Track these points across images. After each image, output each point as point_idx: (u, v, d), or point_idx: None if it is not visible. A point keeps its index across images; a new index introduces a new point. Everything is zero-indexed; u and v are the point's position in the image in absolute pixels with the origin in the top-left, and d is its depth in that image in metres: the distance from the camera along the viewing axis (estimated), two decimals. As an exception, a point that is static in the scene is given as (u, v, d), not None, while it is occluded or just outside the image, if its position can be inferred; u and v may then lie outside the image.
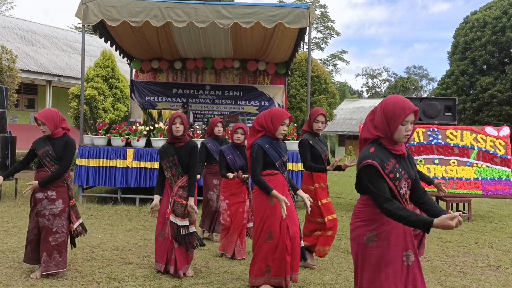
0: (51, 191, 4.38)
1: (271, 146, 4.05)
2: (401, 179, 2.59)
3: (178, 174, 4.53)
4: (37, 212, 4.39)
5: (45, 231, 4.35)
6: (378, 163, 2.55)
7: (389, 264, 2.61)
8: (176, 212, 4.49)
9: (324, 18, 40.45)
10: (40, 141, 4.46)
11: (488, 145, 8.57)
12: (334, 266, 5.13)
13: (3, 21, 20.23)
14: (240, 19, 8.55)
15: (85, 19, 8.73)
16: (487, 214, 9.26)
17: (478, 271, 5.13)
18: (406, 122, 2.57)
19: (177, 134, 4.46)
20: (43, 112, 4.42)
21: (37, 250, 4.42)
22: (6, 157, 8.96)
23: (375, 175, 2.55)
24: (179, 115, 4.48)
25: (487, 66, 23.71)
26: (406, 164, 2.68)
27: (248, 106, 12.92)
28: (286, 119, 4.04)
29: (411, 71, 61.05)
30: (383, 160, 2.57)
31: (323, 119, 4.93)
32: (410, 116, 2.56)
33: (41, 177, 4.41)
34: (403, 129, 2.57)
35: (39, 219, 4.37)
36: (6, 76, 11.67)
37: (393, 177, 2.57)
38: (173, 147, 4.54)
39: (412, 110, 2.56)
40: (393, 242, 2.62)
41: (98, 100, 13.71)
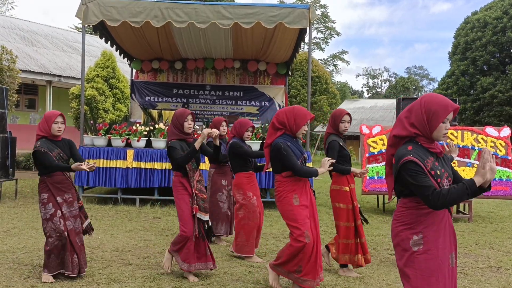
0: (67, 194, 4.42)
1: (292, 145, 4.02)
2: (443, 177, 2.55)
3: (194, 169, 4.55)
4: (62, 215, 4.38)
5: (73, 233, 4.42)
6: (419, 161, 2.49)
7: (440, 267, 2.55)
8: (199, 207, 4.48)
9: (325, 18, 40.44)
10: (47, 145, 4.35)
11: (488, 146, 8.56)
12: (334, 267, 5.11)
13: (3, 21, 20.24)
14: (241, 20, 8.54)
15: (86, 20, 8.73)
16: (487, 215, 9.24)
17: (478, 272, 5.12)
18: (447, 120, 2.54)
19: (189, 131, 4.51)
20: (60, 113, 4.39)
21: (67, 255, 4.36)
22: (6, 157, 8.95)
23: (418, 170, 2.47)
24: (190, 112, 4.50)
25: (488, 66, 23.70)
26: (444, 163, 2.65)
27: (249, 106, 12.91)
28: (309, 119, 4.05)
29: (411, 71, 61.07)
30: (422, 157, 2.51)
31: (349, 119, 4.88)
32: (451, 114, 2.53)
33: (56, 181, 4.35)
34: (443, 127, 2.53)
35: (66, 221, 4.39)
36: (7, 76, 11.66)
37: (434, 174, 2.51)
38: (185, 143, 4.54)
39: (454, 108, 2.52)
40: (441, 245, 2.56)
41: (98, 100, 13.71)
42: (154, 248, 5.66)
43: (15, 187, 9.37)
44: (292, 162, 3.92)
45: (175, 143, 4.48)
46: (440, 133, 2.54)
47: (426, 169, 2.48)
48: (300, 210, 3.97)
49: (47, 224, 4.32)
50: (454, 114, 2.55)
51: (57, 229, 4.30)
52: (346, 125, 4.85)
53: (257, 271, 4.84)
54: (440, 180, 2.52)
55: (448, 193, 2.38)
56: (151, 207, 8.66)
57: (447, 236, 2.59)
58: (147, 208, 8.62)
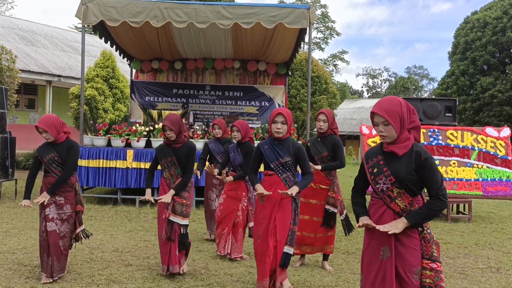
0: (59, 196, 4.37)
1: (270, 147, 4.02)
2: (380, 175, 2.75)
3: (177, 174, 4.57)
4: (45, 216, 4.35)
5: (53, 236, 4.33)
6: (365, 157, 2.88)
7: (367, 253, 2.84)
8: (176, 211, 4.50)
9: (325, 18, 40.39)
10: (44, 148, 4.41)
11: (488, 146, 8.56)
12: (334, 267, 5.11)
13: (3, 21, 20.22)
14: (241, 20, 8.53)
15: (85, 20, 8.72)
16: (487, 215, 9.24)
17: (478, 273, 5.12)
18: (376, 123, 2.74)
19: (170, 140, 4.53)
20: (44, 120, 4.33)
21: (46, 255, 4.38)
22: (6, 157, 8.94)
23: (360, 167, 2.96)
24: (166, 123, 4.44)
25: (488, 66, 23.67)
26: (397, 163, 2.71)
27: (249, 106, 12.91)
28: (276, 116, 3.95)
29: (411, 71, 61.01)
30: (370, 156, 2.86)
31: (324, 118, 4.96)
32: (374, 117, 2.73)
33: (49, 182, 4.38)
34: (376, 130, 2.77)
35: (48, 223, 4.34)
36: (6, 76, 11.66)
37: (370, 172, 2.82)
38: (170, 148, 4.56)
39: (372, 112, 2.73)
40: (374, 235, 2.79)
41: (98, 100, 13.70)
42: (154, 249, 5.66)
43: (15, 187, 9.36)
44: (251, 163, 4.18)
45: (157, 148, 4.67)
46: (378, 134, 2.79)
47: (366, 166, 2.86)
48: (259, 210, 4.05)
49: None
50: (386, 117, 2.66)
51: (40, 230, 4.39)
52: (321, 124, 5.00)
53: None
54: (374, 178, 2.79)
55: (353, 202, 2.96)
56: (151, 208, 8.65)
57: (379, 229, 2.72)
58: (146, 208, 8.61)
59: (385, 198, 2.76)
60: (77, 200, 4.49)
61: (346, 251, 5.85)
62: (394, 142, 2.72)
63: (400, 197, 2.71)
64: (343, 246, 6.14)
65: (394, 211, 2.73)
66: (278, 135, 3.97)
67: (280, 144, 4.01)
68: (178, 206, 4.51)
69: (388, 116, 2.65)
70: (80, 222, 4.55)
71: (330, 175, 5.03)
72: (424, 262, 2.68)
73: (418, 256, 2.68)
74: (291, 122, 4.00)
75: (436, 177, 2.64)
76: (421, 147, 2.72)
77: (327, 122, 4.97)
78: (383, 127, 2.70)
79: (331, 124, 5.00)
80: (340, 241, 6.39)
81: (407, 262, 2.67)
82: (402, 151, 2.70)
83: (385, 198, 2.76)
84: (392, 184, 2.72)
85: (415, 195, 2.72)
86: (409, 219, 2.65)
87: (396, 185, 2.71)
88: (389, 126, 2.67)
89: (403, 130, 2.70)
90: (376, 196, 2.84)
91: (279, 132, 3.94)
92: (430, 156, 2.67)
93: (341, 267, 5.16)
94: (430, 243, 2.70)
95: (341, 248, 6.05)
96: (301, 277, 4.69)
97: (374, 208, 2.84)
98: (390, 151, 2.73)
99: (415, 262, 2.68)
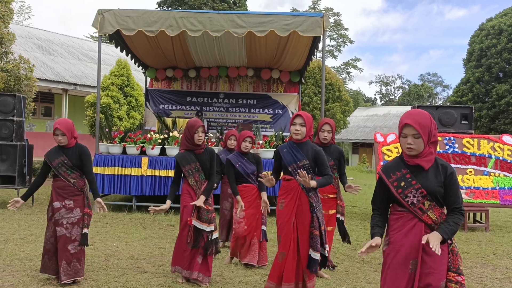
0: (68, 200, 4.44)
1: (289, 150, 4.04)
2: (409, 188, 2.73)
3: (202, 180, 4.61)
4: (55, 221, 4.41)
5: (63, 240, 4.37)
6: (383, 172, 2.83)
7: (393, 267, 2.76)
8: (202, 218, 4.53)
9: (338, 26, 40.45)
10: (52, 152, 4.49)
11: (505, 154, 8.45)
12: (349, 277, 5.08)
13: (21, 30, 20.59)
14: (255, 28, 8.58)
15: (102, 29, 8.85)
16: (505, 224, 9.10)
17: (497, 283, 5.04)
18: (405, 135, 2.72)
19: (199, 143, 4.54)
20: (63, 122, 4.41)
21: (54, 259, 4.45)
22: (23, 165, 9.08)
23: (378, 183, 2.89)
24: (202, 124, 4.55)
25: (503, 73, 23.42)
26: (425, 176, 2.73)
27: (262, 114, 12.93)
28: (296, 117, 4.01)
29: (425, 78, 60.64)
30: (390, 170, 2.81)
31: (329, 128, 5.02)
32: (404, 128, 2.71)
33: (58, 186, 4.46)
34: (404, 142, 2.74)
35: (57, 228, 4.39)
36: (24, 85, 11.85)
37: (396, 185, 2.76)
38: (193, 154, 4.59)
39: (404, 123, 2.71)
40: (406, 247, 2.73)
41: (113, 108, 13.86)
42: (168, 256, 5.67)
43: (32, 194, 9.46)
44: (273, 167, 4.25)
45: (179, 155, 4.61)
46: (404, 147, 2.76)
47: (387, 181, 2.78)
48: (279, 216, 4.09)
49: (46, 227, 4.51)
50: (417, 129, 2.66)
51: (47, 233, 4.47)
52: (325, 134, 5.02)
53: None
54: (402, 191, 2.74)
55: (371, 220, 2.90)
56: (165, 215, 8.69)
57: (415, 243, 2.71)
58: (161, 215, 8.65)
59: (416, 211, 2.73)
60: (86, 204, 4.55)
61: (362, 260, 5.81)
62: (418, 155, 2.73)
63: (431, 210, 2.72)
64: (358, 255, 6.09)
65: (426, 223, 2.73)
66: (297, 137, 4.00)
67: (298, 147, 4.03)
68: (204, 213, 4.55)
69: (420, 129, 2.67)
70: (86, 225, 4.53)
71: (335, 184, 5.07)
72: (451, 274, 2.70)
73: (445, 270, 2.70)
74: (310, 125, 4.02)
75: (459, 191, 2.72)
76: (444, 161, 2.79)
77: (331, 132, 5.02)
78: (413, 140, 2.70)
79: (333, 134, 5.09)
80: (355, 250, 6.35)
81: (435, 276, 2.67)
82: (428, 164, 2.73)
83: (416, 211, 2.73)
84: (423, 196, 2.72)
85: (442, 207, 2.75)
86: (442, 233, 2.62)
87: (427, 198, 2.72)
88: (419, 139, 2.69)
89: (428, 144, 2.73)
90: (402, 209, 2.80)
91: (297, 133, 3.97)
92: (454, 171, 2.75)
93: (356, 276, 5.12)
94: (457, 256, 2.74)
95: (356, 257, 6.01)
96: (316, 286, 4.67)
97: (401, 221, 2.79)
98: (416, 164, 2.73)
99: (442, 276, 2.69)
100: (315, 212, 3.99)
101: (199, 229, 4.52)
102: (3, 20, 11.60)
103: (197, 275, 4.54)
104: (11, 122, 9.08)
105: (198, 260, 4.55)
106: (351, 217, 9.31)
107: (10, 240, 6.27)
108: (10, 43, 11.98)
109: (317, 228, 3.98)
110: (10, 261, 5.20)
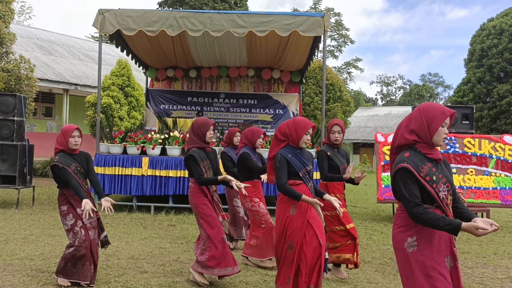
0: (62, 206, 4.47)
1: (294, 156, 3.93)
2: (439, 182, 2.61)
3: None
4: (83, 225, 4.41)
5: (94, 244, 4.46)
6: (412, 167, 2.58)
7: (434, 268, 2.59)
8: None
9: (339, 26, 40.44)
10: (65, 159, 4.39)
11: (506, 154, 8.43)
12: (350, 277, 5.06)
13: (22, 31, 20.61)
14: (255, 28, 8.58)
15: (102, 29, 8.85)
16: (506, 224, 9.08)
17: (497, 283, 5.03)
18: (445, 125, 2.66)
19: (210, 140, 4.60)
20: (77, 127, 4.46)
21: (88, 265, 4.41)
22: (24, 165, 9.07)
23: (408, 178, 2.59)
24: (213, 123, 4.59)
25: (504, 73, 23.40)
26: (443, 169, 2.70)
27: (263, 114, 12.92)
28: (310, 128, 3.95)
29: (426, 79, 60.62)
30: (417, 164, 2.60)
31: (339, 129, 4.96)
32: (448, 119, 2.66)
33: (74, 193, 4.34)
34: (442, 131, 2.64)
35: (89, 232, 4.43)
36: (25, 85, 11.85)
37: (429, 180, 2.59)
38: (204, 152, 4.61)
39: (451, 113, 2.66)
40: (435, 247, 2.62)
41: (113, 108, 13.86)
42: (169, 256, 5.68)
43: (32, 194, 9.48)
44: (278, 176, 3.86)
45: (195, 152, 4.54)
46: (440, 137, 2.64)
47: (420, 176, 2.57)
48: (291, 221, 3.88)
49: (69, 234, 4.39)
50: (451, 119, 2.68)
51: (79, 239, 4.31)
52: (336, 135, 4.97)
53: (272, 280, 4.80)
54: (436, 186, 2.60)
55: (426, 215, 2.51)
56: (166, 215, 8.69)
57: (442, 239, 2.64)
58: (161, 215, 8.65)
59: (444, 207, 2.61)
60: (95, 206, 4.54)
61: (362, 260, 5.79)
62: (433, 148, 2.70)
63: (450, 205, 2.70)
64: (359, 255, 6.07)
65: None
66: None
67: (302, 152, 4.01)
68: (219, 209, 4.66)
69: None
70: (102, 228, 4.65)
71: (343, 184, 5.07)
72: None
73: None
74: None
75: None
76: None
77: (341, 133, 4.98)
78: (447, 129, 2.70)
79: (343, 135, 5.06)
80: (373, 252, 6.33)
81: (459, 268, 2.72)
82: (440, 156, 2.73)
83: (444, 206, 2.61)
84: (448, 190, 2.65)
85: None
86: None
87: (450, 192, 2.67)
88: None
89: None
90: (431, 205, 2.62)
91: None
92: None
93: (357, 276, 5.11)
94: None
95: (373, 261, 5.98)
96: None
97: None
98: (437, 158, 2.69)
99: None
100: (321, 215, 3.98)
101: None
102: (4, 20, 11.60)
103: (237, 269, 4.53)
104: (12, 122, 9.08)
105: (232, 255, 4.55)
106: (352, 217, 9.27)
107: (10, 239, 6.27)
108: (11, 43, 11.99)
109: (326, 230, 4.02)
110: (10, 261, 5.20)
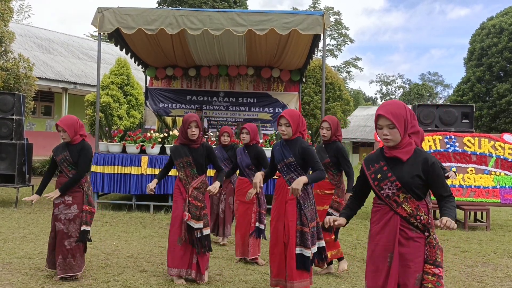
0: (67, 196, 4.50)
1: (280, 148, 4.06)
2: (384, 181, 2.74)
3: (193, 175, 4.57)
4: (55, 216, 4.50)
5: (60, 235, 4.45)
6: (365, 164, 2.86)
7: (374, 259, 2.81)
8: (192, 214, 4.51)
9: (338, 25, 40.42)
10: (59, 148, 4.60)
11: (506, 153, 8.42)
12: (350, 275, 5.06)
13: (21, 29, 20.57)
14: (255, 26, 8.56)
15: (101, 28, 8.83)
16: (505, 223, 9.07)
17: (497, 282, 5.02)
18: (380, 126, 2.73)
19: (193, 138, 4.51)
20: (64, 119, 4.54)
21: (53, 254, 4.52)
22: (23, 163, 9.06)
23: (360, 173, 2.93)
24: (195, 119, 4.50)
25: (504, 72, 23.39)
26: (401, 169, 2.72)
27: (262, 113, 12.92)
28: (281, 119, 3.98)
29: (425, 78, 60.56)
30: (371, 162, 2.84)
31: (327, 126, 4.99)
32: (379, 120, 2.72)
33: (61, 182, 4.54)
34: (380, 133, 2.75)
35: (56, 223, 4.48)
36: (24, 84, 11.83)
37: (373, 178, 2.80)
38: (187, 148, 4.56)
39: (377, 114, 2.72)
40: (380, 241, 2.78)
41: (113, 107, 13.84)
42: (168, 255, 5.66)
43: (31, 193, 9.46)
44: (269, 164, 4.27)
45: (173, 147, 4.66)
46: (380, 138, 2.76)
47: (367, 172, 2.84)
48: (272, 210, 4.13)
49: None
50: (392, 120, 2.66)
51: (51, 228, 4.56)
52: (324, 131, 5.01)
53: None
54: (378, 183, 2.77)
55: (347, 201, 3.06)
56: (165, 214, 8.67)
57: (391, 236, 2.74)
58: (161, 214, 8.64)
59: (391, 204, 2.75)
60: (85, 201, 4.54)
61: (362, 259, 5.78)
62: (396, 147, 2.73)
63: (407, 202, 2.72)
64: (358, 254, 6.07)
65: (401, 216, 2.74)
66: (285, 137, 4.01)
67: (287, 145, 4.02)
68: (193, 208, 4.52)
69: (394, 119, 2.67)
70: (86, 222, 4.51)
71: (334, 180, 4.99)
72: (427, 267, 2.69)
73: (421, 262, 2.70)
74: (296, 124, 3.95)
75: (444, 179, 2.73)
76: (425, 152, 2.76)
77: (330, 129, 4.97)
78: (388, 131, 2.70)
79: (334, 131, 4.98)
80: (355, 249, 6.33)
81: (411, 268, 2.69)
82: (406, 156, 2.72)
83: (391, 203, 2.75)
84: (398, 189, 2.72)
85: (420, 200, 2.73)
86: (450, 216, 2.59)
87: (402, 190, 2.72)
88: (394, 129, 2.69)
89: (405, 134, 2.72)
90: (380, 202, 2.83)
91: (284, 134, 3.98)
92: (436, 160, 2.75)
93: (356, 274, 5.10)
94: (435, 249, 2.71)
95: (356, 255, 5.98)
96: (317, 285, 4.65)
97: (379, 214, 2.83)
98: (394, 156, 2.74)
99: (418, 268, 2.69)
100: (302, 210, 3.93)
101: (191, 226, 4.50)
102: (3, 18, 11.57)
103: (194, 274, 4.54)
104: (11, 120, 9.06)
105: (193, 259, 4.54)
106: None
107: (9, 238, 6.26)
108: (10, 41, 11.96)
109: (306, 225, 3.90)
110: (9, 260, 5.19)
